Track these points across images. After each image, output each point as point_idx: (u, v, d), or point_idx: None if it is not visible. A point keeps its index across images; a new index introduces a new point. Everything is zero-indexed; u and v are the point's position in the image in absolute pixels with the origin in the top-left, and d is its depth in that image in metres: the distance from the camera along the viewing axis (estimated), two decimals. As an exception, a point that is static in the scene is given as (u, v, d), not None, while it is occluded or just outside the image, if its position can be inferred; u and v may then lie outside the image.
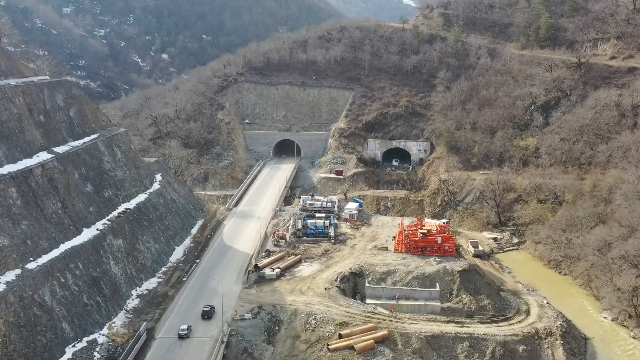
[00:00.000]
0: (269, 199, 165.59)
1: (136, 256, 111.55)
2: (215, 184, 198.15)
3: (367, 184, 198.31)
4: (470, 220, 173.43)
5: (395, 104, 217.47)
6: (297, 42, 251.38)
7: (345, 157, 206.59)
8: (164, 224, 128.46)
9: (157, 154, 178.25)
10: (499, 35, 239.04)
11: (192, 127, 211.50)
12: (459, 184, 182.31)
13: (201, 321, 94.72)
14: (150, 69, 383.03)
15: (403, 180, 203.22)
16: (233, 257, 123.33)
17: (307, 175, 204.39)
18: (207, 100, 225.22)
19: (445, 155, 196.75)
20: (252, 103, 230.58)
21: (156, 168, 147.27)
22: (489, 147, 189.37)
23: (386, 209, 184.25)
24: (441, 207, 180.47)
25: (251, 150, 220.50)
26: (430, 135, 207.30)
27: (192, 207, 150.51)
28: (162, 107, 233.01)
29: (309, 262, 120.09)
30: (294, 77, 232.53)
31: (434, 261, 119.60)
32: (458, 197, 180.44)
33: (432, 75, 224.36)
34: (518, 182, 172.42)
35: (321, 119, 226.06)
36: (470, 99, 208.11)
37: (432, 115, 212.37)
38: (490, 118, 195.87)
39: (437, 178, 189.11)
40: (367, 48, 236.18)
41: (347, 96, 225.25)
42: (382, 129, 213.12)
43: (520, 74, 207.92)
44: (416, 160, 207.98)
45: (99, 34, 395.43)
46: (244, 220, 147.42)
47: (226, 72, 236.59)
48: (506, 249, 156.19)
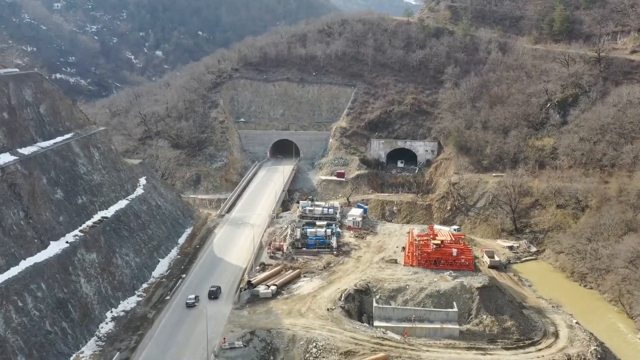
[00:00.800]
0: (265, 205, 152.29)
1: (113, 272, 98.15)
2: (207, 187, 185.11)
3: (371, 187, 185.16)
4: (483, 226, 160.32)
5: (400, 101, 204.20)
6: (295, 37, 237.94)
7: (347, 158, 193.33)
8: (147, 233, 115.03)
9: (146, 155, 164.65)
10: (509, 29, 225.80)
11: (184, 126, 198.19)
12: (470, 187, 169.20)
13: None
14: (143, 66, 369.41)
15: (409, 183, 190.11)
16: (224, 272, 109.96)
17: (306, 177, 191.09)
18: (199, 98, 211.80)
19: (455, 156, 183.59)
20: (248, 100, 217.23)
21: (141, 171, 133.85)
22: (501, 148, 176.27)
23: (392, 215, 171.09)
24: (451, 212, 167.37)
25: (246, 150, 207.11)
26: (437, 135, 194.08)
27: (181, 213, 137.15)
28: (153, 104, 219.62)
29: (309, 278, 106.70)
30: (293, 73, 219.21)
31: (450, 276, 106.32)
32: (469, 201, 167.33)
33: (440, 71, 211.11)
34: (535, 185, 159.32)
35: (321, 117, 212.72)
36: (481, 96, 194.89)
37: (439, 114, 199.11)
38: (502, 116, 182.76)
39: (446, 181, 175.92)
40: (370, 42, 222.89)
41: (349, 93, 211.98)
42: (386, 128, 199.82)
43: (534, 69, 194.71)
44: (423, 162, 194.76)
45: (90, 30, 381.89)
46: (237, 228, 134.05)
47: (220, 68, 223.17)
48: (524, 258, 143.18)
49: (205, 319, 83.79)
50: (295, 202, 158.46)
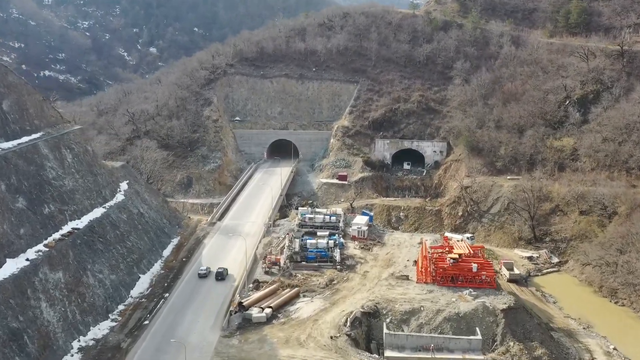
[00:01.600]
0: (261, 211, 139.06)
1: (82, 293, 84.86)
2: (199, 191, 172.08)
3: (375, 191, 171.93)
4: (499, 234, 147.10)
5: (407, 98, 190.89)
6: (294, 30, 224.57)
7: (349, 160, 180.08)
8: (126, 246, 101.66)
9: (132, 157, 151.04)
10: (522, 22, 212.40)
11: (175, 125, 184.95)
12: (484, 191, 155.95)
13: None
14: (136, 63, 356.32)
15: (416, 187, 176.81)
16: (212, 290, 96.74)
17: (305, 180, 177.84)
18: (192, 95, 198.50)
19: (466, 157, 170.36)
20: (244, 98, 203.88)
21: (122, 174, 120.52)
22: (517, 148, 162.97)
23: (398, 221, 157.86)
24: (463, 219, 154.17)
25: (242, 151, 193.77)
26: (447, 135, 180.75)
27: (167, 221, 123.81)
28: (142, 102, 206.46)
29: (309, 298, 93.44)
30: (291, 68, 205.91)
31: (469, 295, 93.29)
32: (482, 206, 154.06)
33: (448, 66, 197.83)
34: (555, 189, 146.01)
35: (322, 116, 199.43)
36: (493, 93, 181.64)
37: (448, 112, 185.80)
38: (517, 114, 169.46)
39: (457, 184, 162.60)
40: (374, 36, 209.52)
41: (352, 90, 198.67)
42: (391, 128, 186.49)
43: (550, 64, 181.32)
44: (431, 163, 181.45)
45: (82, 25, 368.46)
46: (230, 238, 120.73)
47: (214, 64, 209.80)
48: (545, 270, 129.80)
49: (185, 354, 70.56)
50: (293, 208, 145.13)
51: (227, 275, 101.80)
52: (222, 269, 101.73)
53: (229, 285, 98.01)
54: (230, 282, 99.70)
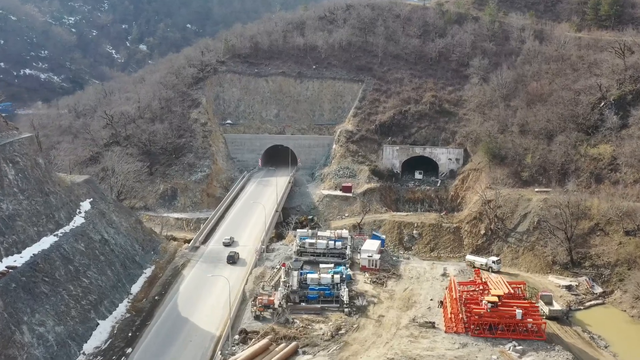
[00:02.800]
0: (253, 231, 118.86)
1: (13, 357, 64.47)
2: (185, 204, 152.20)
3: (384, 204, 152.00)
4: (528, 257, 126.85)
5: (418, 99, 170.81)
6: (292, 24, 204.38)
7: (354, 168, 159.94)
8: (81, 285, 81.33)
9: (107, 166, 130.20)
10: (544, 14, 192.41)
11: (158, 129, 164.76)
12: (509, 206, 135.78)
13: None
14: (125, 61, 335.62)
15: (430, 199, 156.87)
16: (187, 343, 76.40)
17: (305, 192, 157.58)
18: (178, 95, 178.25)
19: (486, 166, 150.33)
20: (236, 99, 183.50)
21: (85, 191, 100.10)
22: (545, 157, 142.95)
23: (411, 240, 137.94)
24: (486, 238, 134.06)
25: (234, 158, 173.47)
26: (464, 140, 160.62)
27: (139, 247, 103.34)
28: (124, 103, 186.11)
29: (311, 355, 73.18)
30: (289, 66, 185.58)
31: (513, 351, 73.32)
32: (508, 224, 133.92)
33: (463, 63, 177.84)
34: (594, 205, 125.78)
35: (323, 118, 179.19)
36: (516, 93, 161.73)
37: (465, 114, 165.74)
38: (544, 118, 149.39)
39: (477, 197, 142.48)
40: (380, 30, 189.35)
41: (356, 90, 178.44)
42: (401, 132, 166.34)
43: (580, 61, 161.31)
44: (446, 172, 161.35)
45: (67, 21, 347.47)
46: (214, 267, 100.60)
47: (203, 61, 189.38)
48: (588, 303, 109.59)
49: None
50: (291, 228, 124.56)
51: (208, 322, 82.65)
52: (233, 253, 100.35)
53: (208, 337, 77.66)
54: (212, 331, 79.41)
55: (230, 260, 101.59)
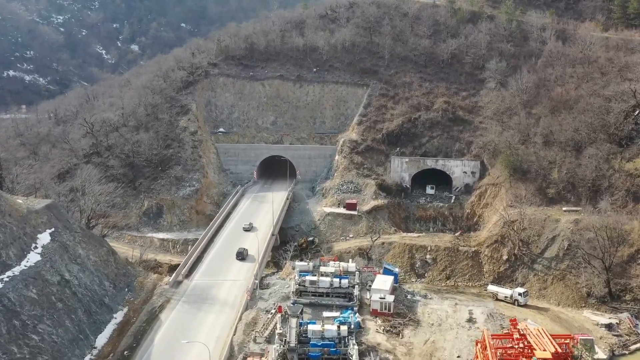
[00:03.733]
0: (246, 261, 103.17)
1: None
2: (172, 222, 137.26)
3: (392, 223, 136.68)
4: (559, 287, 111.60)
5: (428, 106, 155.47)
6: (291, 23, 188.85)
7: (359, 183, 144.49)
8: (29, 344, 65.84)
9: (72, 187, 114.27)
10: (565, 13, 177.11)
11: (143, 138, 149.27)
12: (535, 227, 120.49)
13: None
14: (115, 61, 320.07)
15: (443, 217, 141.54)
16: None
17: (304, 209, 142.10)
18: (166, 101, 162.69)
19: (506, 181, 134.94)
20: (229, 105, 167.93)
21: (45, 220, 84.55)
22: (574, 171, 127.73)
23: (424, 266, 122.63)
24: (509, 265, 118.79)
25: (226, 170, 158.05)
26: (480, 152, 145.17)
27: (110, 285, 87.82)
28: (107, 109, 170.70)
29: None
30: (287, 69, 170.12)
31: None
32: (534, 248, 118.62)
33: (478, 66, 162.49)
34: (635, 229, 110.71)
35: (324, 126, 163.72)
36: (538, 99, 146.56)
37: (481, 123, 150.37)
38: (571, 127, 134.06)
39: (497, 217, 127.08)
40: (387, 30, 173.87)
41: (360, 95, 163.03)
42: (410, 142, 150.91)
43: (609, 64, 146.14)
44: (460, 187, 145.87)
45: (56, 20, 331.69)
46: (198, 309, 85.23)
47: (194, 63, 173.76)
48: (632, 346, 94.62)
49: None
50: (289, 255, 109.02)
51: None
52: (242, 249, 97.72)
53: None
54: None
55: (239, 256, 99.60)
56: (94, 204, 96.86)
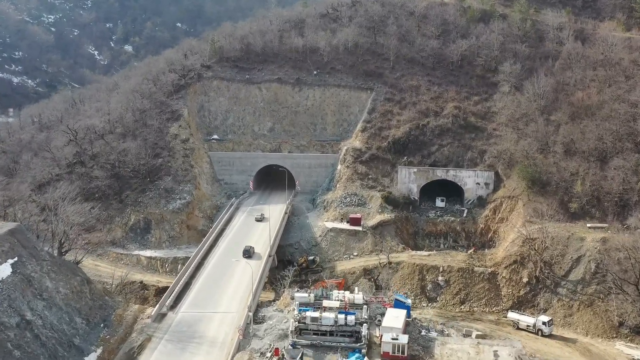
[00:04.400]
0: (239, 288, 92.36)
1: None
2: (161, 239, 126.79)
3: (400, 239, 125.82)
4: (586, 315, 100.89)
5: (438, 111, 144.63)
6: (290, 23, 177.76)
7: (363, 195, 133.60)
8: (-26, 406, 54.84)
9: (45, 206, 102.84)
10: (582, 11, 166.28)
11: (130, 147, 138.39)
12: (558, 246, 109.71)
13: None
14: (108, 62, 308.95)
15: (454, 232, 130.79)
16: None
17: (304, 223, 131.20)
18: (155, 106, 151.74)
19: (523, 193, 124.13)
20: (224, 110, 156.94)
21: (7, 248, 73.53)
22: (598, 184, 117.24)
23: (436, 289, 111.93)
24: (529, 288, 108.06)
25: (220, 180, 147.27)
26: (494, 161, 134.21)
27: (83, 321, 76.79)
28: (94, 114, 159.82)
29: None
30: (286, 71, 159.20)
31: None
32: (558, 270, 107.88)
33: (491, 68, 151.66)
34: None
35: (325, 133, 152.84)
36: (557, 105, 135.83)
37: (495, 130, 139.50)
38: (594, 135, 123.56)
39: (515, 235, 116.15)
40: (392, 30, 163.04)
41: (364, 100, 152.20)
42: (418, 151, 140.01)
43: (634, 66, 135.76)
44: (473, 200, 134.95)
45: (47, 20, 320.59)
46: (183, 350, 74.38)
47: (186, 65, 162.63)
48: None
49: None
50: (287, 281, 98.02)
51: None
52: (249, 247, 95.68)
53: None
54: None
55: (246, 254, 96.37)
56: (67, 227, 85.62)
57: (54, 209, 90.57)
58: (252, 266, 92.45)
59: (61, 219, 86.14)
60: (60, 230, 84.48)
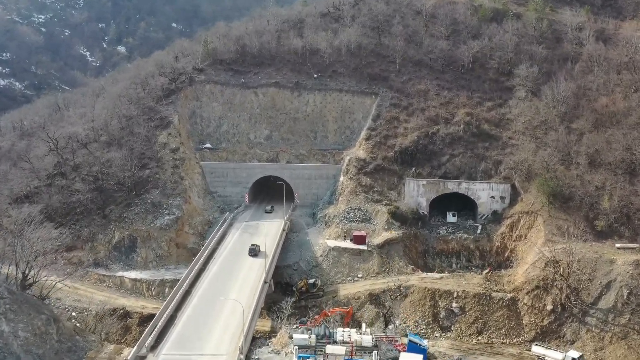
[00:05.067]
0: (230, 323, 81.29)
1: None
2: (147, 258, 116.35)
3: (409, 259, 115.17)
4: (620, 349, 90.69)
5: (448, 118, 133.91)
6: (288, 23, 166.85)
7: (368, 210, 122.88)
8: None
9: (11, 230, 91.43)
10: (601, 10, 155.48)
11: (115, 157, 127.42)
12: (585, 270, 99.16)
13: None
14: (100, 64, 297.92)
15: (468, 251, 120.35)
16: None
17: (304, 241, 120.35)
18: (143, 112, 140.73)
19: (543, 209, 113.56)
20: (217, 116, 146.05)
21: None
22: (628, 200, 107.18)
23: (450, 317, 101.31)
24: (554, 317, 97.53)
25: (213, 193, 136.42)
26: (510, 173, 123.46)
27: (45, 371, 65.78)
28: (78, 120, 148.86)
29: None
30: (284, 75, 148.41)
31: None
32: (585, 296, 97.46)
33: (505, 71, 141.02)
34: None
35: (327, 142, 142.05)
36: (579, 112, 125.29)
37: (511, 138, 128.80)
38: (622, 145, 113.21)
39: (537, 255, 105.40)
40: (398, 30, 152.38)
41: (368, 105, 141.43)
42: (427, 161, 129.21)
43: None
44: (487, 215, 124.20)
45: (37, 20, 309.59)
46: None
47: (177, 68, 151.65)
48: None
49: None
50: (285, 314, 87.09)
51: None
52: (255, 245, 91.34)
53: None
54: None
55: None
56: (30, 257, 74.48)
57: (18, 235, 79.26)
58: (244, 300, 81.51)
59: (25, 247, 74.92)
60: (23, 261, 73.26)
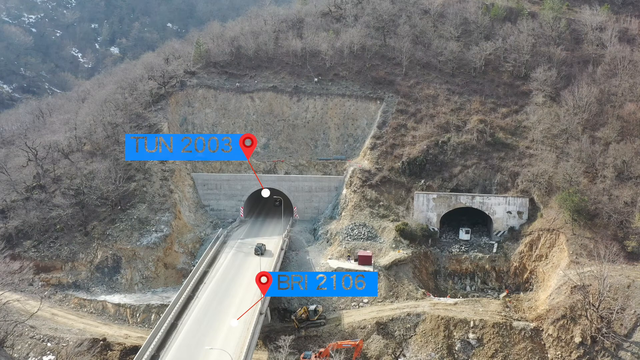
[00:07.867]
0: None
1: None
2: (132, 280, 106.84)
3: (419, 281, 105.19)
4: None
5: (460, 125, 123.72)
6: (287, 22, 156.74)
7: (374, 226, 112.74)
8: None
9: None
10: (622, 9, 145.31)
11: (98, 169, 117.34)
12: (616, 297, 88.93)
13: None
14: (93, 66, 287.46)
15: (483, 272, 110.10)
16: None
17: (304, 260, 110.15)
18: (130, 119, 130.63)
19: (567, 225, 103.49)
20: (210, 123, 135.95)
21: None
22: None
23: (466, 349, 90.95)
24: (583, 351, 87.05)
25: (206, 207, 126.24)
26: (529, 186, 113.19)
27: None
28: (61, 128, 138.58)
29: None
30: (282, 78, 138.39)
31: None
32: (618, 327, 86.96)
33: (520, 75, 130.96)
34: None
35: (328, 151, 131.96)
36: (603, 119, 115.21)
37: (528, 148, 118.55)
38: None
39: (562, 279, 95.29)
40: (404, 30, 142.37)
41: (373, 111, 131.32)
42: (438, 173, 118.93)
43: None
44: (503, 231, 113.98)
45: (27, 20, 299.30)
46: None
47: (167, 71, 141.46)
48: None
49: None
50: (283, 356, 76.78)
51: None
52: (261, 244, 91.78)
53: None
54: None
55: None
56: None
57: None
58: (236, 334, 71.27)
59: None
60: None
